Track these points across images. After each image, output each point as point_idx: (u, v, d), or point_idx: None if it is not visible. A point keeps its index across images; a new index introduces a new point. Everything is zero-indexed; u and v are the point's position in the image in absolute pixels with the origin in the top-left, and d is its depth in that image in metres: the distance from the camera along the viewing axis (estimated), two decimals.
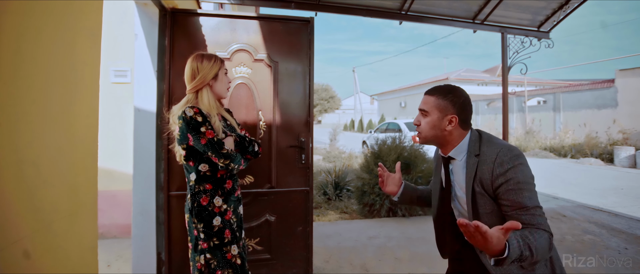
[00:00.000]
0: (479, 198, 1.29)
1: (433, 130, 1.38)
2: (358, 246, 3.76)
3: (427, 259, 3.36)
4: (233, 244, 1.82)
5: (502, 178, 1.22)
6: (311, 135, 2.71)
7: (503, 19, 4.10)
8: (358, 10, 3.67)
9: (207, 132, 1.69)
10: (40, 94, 1.10)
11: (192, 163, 1.78)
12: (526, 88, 19.28)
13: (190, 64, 1.81)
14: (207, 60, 1.82)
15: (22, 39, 1.03)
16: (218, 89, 1.86)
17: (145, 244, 2.52)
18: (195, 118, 1.69)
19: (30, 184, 1.06)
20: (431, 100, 1.39)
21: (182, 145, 1.76)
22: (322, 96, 36.96)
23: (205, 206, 1.77)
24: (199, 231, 1.76)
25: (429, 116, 1.38)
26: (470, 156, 1.34)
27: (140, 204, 2.50)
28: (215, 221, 1.78)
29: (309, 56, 2.72)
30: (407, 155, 5.04)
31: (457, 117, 1.36)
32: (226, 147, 1.73)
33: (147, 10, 2.45)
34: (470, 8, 3.89)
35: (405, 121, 12.97)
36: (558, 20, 4.11)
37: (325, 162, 10.21)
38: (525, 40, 4.17)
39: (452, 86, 1.41)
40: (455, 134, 1.38)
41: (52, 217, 1.13)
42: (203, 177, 1.78)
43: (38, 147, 1.09)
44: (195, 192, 1.78)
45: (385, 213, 4.82)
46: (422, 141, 1.44)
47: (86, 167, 1.31)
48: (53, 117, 1.15)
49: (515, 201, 1.20)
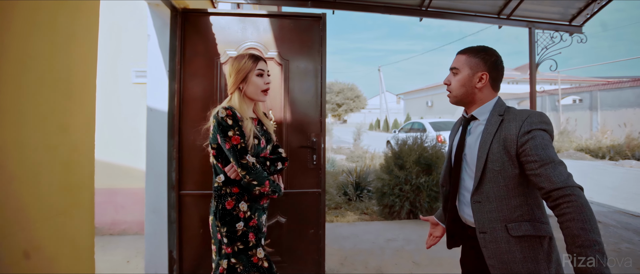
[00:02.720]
0: (493, 155, 1.28)
1: (463, 87, 1.38)
2: (375, 249, 3.66)
3: (446, 264, 3.22)
4: (258, 247, 1.74)
5: (529, 135, 1.22)
6: (323, 135, 2.65)
7: (531, 13, 3.89)
8: (376, 7, 3.58)
9: (232, 138, 1.62)
10: (33, 93, 1.10)
11: (221, 164, 1.72)
12: (560, 86, 18.42)
13: (227, 65, 1.78)
14: (238, 61, 1.75)
15: (18, 38, 1.03)
16: (249, 92, 1.76)
17: (157, 242, 2.54)
18: (226, 120, 1.63)
19: (19, 183, 1.06)
20: (462, 58, 1.39)
21: (213, 144, 1.71)
22: (347, 95, 36.81)
23: (229, 209, 1.70)
24: (223, 234, 1.70)
25: (459, 74, 1.39)
26: (493, 115, 1.33)
27: (152, 202, 2.53)
28: (239, 226, 1.70)
29: (321, 54, 2.65)
30: (428, 155, 4.88)
31: (488, 74, 1.36)
32: (247, 158, 1.63)
33: (158, 10, 2.46)
34: (495, 2, 3.71)
35: (430, 121, 12.68)
36: (592, 13, 3.85)
37: (349, 162, 10.14)
38: (555, 36, 3.94)
39: (484, 45, 1.40)
40: (485, 93, 1.38)
41: (43, 216, 1.13)
42: (231, 179, 1.71)
43: (29, 146, 1.09)
44: (221, 194, 1.72)
45: (406, 214, 4.69)
46: (452, 100, 1.44)
47: (82, 166, 1.30)
48: (45, 116, 1.14)
49: (543, 156, 1.18)
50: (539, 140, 1.21)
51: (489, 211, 1.28)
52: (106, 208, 4.16)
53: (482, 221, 1.30)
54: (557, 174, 1.15)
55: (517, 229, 1.25)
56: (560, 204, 1.12)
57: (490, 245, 1.27)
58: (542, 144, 1.20)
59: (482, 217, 1.30)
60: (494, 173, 1.27)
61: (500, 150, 1.26)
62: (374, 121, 35.68)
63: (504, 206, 1.27)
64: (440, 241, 1.73)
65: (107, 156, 4.08)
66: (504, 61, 1.43)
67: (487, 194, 1.29)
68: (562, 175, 1.15)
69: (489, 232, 1.28)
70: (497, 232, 1.26)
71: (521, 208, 1.27)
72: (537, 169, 1.18)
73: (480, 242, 1.30)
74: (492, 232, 1.27)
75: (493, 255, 1.27)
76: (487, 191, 1.29)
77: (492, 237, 1.27)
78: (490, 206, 1.28)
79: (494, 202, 1.28)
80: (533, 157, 1.19)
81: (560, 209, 1.12)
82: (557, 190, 1.13)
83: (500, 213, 1.27)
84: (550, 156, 1.18)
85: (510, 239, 1.25)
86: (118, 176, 4.17)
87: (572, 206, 1.09)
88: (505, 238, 1.25)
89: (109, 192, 4.16)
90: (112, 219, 4.20)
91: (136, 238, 4.10)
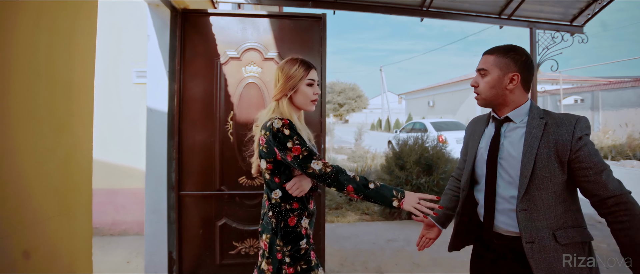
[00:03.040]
0: (542, 161, 1.22)
1: (493, 89, 1.33)
2: (375, 249, 3.66)
3: (446, 264, 3.22)
4: (320, 267, 1.62)
5: (582, 142, 1.19)
6: (323, 135, 2.65)
7: (532, 14, 3.88)
8: (377, 7, 3.57)
9: (293, 149, 1.45)
10: (31, 93, 1.10)
11: (277, 179, 1.55)
12: (561, 86, 18.37)
13: (276, 69, 1.63)
14: (289, 65, 1.60)
15: (16, 39, 1.03)
16: (298, 101, 1.61)
17: (157, 243, 2.54)
18: (282, 131, 1.46)
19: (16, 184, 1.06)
20: (491, 59, 1.34)
21: (269, 159, 1.53)
22: (349, 95, 36.82)
23: (293, 227, 1.55)
24: (285, 254, 1.53)
25: (488, 75, 1.33)
26: (534, 118, 1.28)
27: (152, 203, 2.53)
28: (302, 244, 1.56)
29: (321, 54, 2.65)
30: (429, 156, 4.88)
31: (520, 75, 1.30)
32: (312, 166, 1.44)
33: (158, 11, 2.46)
34: (497, 2, 3.69)
35: (432, 121, 12.67)
36: (593, 13, 3.83)
37: (350, 162, 10.14)
38: (556, 36, 3.92)
39: (513, 44, 1.36)
40: (516, 94, 1.33)
41: (41, 217, 1.13)
42: (289, 195, 1.56)
43: (25, 146, 1.08)
44: (280, 211, 1.55)
45: (406, 215, 4.69)
46: (481, 102, 1.39)
47: (80, 167, 1.30)
48: (43, 116, 1.14)
49: (597, 163, 1.18)
50: (590, 147, 1.19)
51: (536, 219, 1.23)
52: (107, 208, 4.16)
53: (529, 230, 1.23)
54: (611, 181, 1.15)
55: (565, 236, 1.22)
56: (616, 211, 1.14)
57: (538, 255, 1.21)
58: (593, 150, 1.19)
59: (529, 226, 1.23)
60: (542, 179, 1.23)
61: (549, 155, 1.22)
62: (375, 121, 35.65)
63: (551, 213, 1.23)
64: (433, 242, 1.71)
65: (108, 156, 4.08)
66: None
67: (535, 201, 1.23)
68: (615, 182, 1.16)
69: (537, 241, 1.22)
70: (546, 241, 1.21)
71: (566, 214, 1.24)
72: (592, 177, 1.17)
73: (527, 253, 1.23)
74: (540, 241, 1.21)
75: (541, 265, 1.21)
76: (535, 198, 1.23)
77: (540, 246, 1.21)
78: (537, 214, 1.23)
79: (542, 209, 1.23)
80: (587, 164, 1.18)
81: (616, 216, 1.14)
82: (613, 198, 1.14)
83: (548, 220, 1.22)
84: (603, 162, 1.18)
85: (558, 247, 1.21)
86: (119, 176, 4.17)
87: (630, 214, 1.13)
88: (554, 247, 1.21)
89: (109, 193, 4.16)
90: (113, 219, 4.21)
91: (137, 238, 4.10)
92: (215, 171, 2.57)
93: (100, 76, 3.95)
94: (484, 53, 1.39)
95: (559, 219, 1.22)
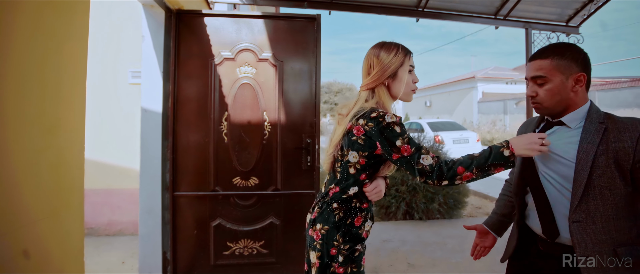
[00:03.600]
0: (599, 169, 1.11)
1: (557, 96, 1.18)
2: (370, 250, 3.66)
3: (441, 265, 3.22)
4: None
5: None
6: (318, 136, 2.65)
7: (527, 14, 3.89)
8: (372, 7, 3.57)
9: (402, 148, 1.31)
10: (22, 95, 1.10)
11: (364, 176, 1.41)
12: None
13: (368, 54, 1.47)
14: (386, 51, 1.45)
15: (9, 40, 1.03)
16: (396, 91, 1.47)
17: (151, 243, 2.54)
18: (393, 127, 1.31)
19: (7, 186, 1.05)
20: (546, 63, 1.18)
21: (363, 152, 1.37)
22: (346, 96, 36.77)
23: (358, 227, 1.43)
24: (339, 251, 1.41)
25: (549, 82, 1.18)
26: (591, 123, 1.16)
27: (146, 203, 2.53)
28: (359, 246, 1.45)
29: (315, 55, 2.65)
30: None
31: (586, 74, 1.18)
32: (422, 162, 1.29)
33: (153, 11, 2.46)
34: (492, 3, 3.70)
35: (428, 121, 12.67)
36: (588, 13, 3.84)
37: None
38: (551, 36, 3.94)
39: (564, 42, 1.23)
40: (581, 96, 1.19)
41: (32, 218, 1.13)
42: (363, 194, 1.44)
43: (17, 148, 1.08)
44: (351, 207, 1.43)
45: (402, 215, 4.70)
46: (544, 112, 1.25)
47: (72, 168, 1.30)
48: (34, 118, 1.14)
49: None
50: None
51: (593, 233, 1.12)
52: (102, 209, 4.14)
53: (584, 244, 1.13)
54: None
55: (629, 254, 1.10)
56: None
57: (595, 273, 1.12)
58: None
59: (584, 239, 1.13)
60: (601, 189, 1.12)
61: (609, 164, 1.11)
62: None
63: (611, 226, 1.12)
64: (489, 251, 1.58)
65: (104, 157, 4.07)
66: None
67: (591, 212, 1.13)
68: None
69: (595, 257, 1.11)
70: (605, 257, 1.10)
71: (632, 230, 1.13)
72: None
73: (583, 269, 1.13)
74: (599, 257, 1.11)
75: None
76: (591, 210, 1.13)
77: (598, 263, 1.11)
78: (594, 226, 1.12)
79: (599, 222, 1.12)
80: None
81: None
82: None
83: (607, 234, 1.12)
84: None
85: (618, 266, 1.10)
86: (114, 176, 4.16)
87: None
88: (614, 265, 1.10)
89: (105, 193, 4.15)
90: (108, 219, 4.19)
91: (132, 238, 4.09)
92: (209, 172, 2.57)
93: (97, 77, 3.97)
94: (533, 58, 1.24)
95: (622, 234, 1.12)
